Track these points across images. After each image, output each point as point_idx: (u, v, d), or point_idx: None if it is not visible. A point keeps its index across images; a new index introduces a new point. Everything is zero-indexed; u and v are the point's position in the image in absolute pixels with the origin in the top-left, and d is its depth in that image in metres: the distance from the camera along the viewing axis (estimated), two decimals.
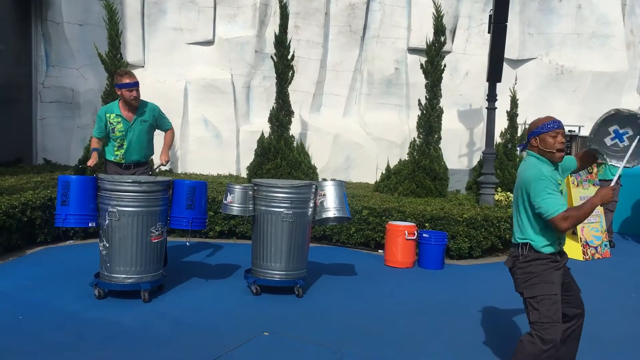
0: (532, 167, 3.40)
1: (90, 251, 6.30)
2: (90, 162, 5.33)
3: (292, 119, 8.93)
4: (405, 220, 7.08)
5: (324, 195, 5.42)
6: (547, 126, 3.41)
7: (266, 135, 8.92)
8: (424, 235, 6.71)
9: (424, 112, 8.67)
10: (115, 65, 8.00)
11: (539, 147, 3.42)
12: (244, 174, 9.78)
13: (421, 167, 8.55)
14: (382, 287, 5.86)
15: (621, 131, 3.49)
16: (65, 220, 4.79)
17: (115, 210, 4.78)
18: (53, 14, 9.65)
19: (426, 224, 7.10)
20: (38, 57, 9.82)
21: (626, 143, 3.48)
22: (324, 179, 9.34)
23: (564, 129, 3.44)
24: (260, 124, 9.79)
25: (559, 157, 3.42)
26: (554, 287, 3.31)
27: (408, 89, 10.80)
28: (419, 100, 8.82)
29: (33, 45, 9.74)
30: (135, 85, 5.40)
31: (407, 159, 8.96)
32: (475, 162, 10.38)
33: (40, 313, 4.52)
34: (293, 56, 8.77)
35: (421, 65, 8.76)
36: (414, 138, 8.92)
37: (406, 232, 6.63)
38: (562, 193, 3.40)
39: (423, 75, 8.75)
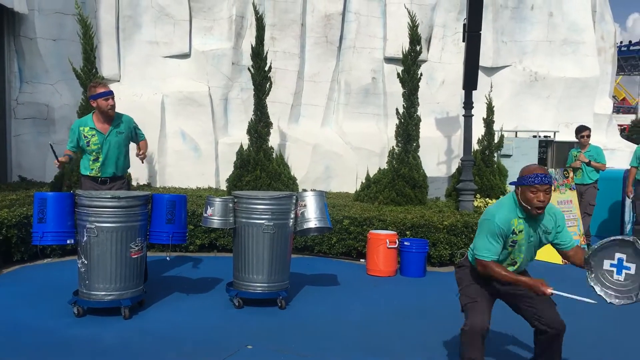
0: (499, 206, 3.53)
1: (68, 269, 6.19)
2: (59, 161, 5.23)
3: (271, 130, 8.92)
4: (386, 229, 7.10)
5: (305, 205, 5.42)
6: (528, 180, 3.34)
7: (245, 147, 8.89)
8: (405, 243, 6.73)
9: (402, 120, 8.73)
10: (91, 80, 7.91)
11: (519, 197, 3.42)
12: (223, 186, 9.74)
13: (400, 176, 8.59)
14: (365, 297, 5.85)
15: (625, 264, 3.20)
16: (42, 238, 4.71)
17: (93, 226, 4.71)
18: (26, 29, 9.53)
19: (407, 232, 7.13)
20: (11, 73, 9.67)
21: (621, 278, 3.22)
22: (304, 190, 9.34)
23: (550, 184, 3.34)
24: (238, 136, 9.76)
25: (536, 215, 3.40)
26: (474, 283, 3.61)
27: (385, 98, 10.87)
28: (397, 109, 8.88)
29: (6, 62, 9.60)
30: (110, 93, 5.36)
31: (386, 167, 8.99)
32: (453, 169, 10.46)
33: (19, 333, 4.42)
34: (270, 68, 8.78)
35: (398, 74, 8.83)
36: (393, 147, 8.96)
37: (387, 240, 6.65)
38: (515, 244, 3.48)
39: (400, 85, 8.81)
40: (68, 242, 4.82)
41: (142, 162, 5.74)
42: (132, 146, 5.77)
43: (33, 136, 9.69)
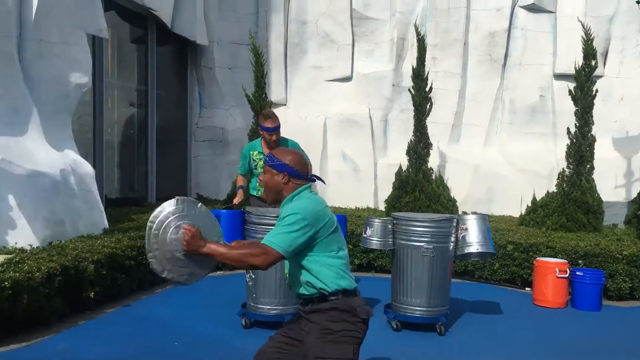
0: None
1: (238, 281, 6.60)
2: (236, 200, 5.65)
3: (431, 151, 8.82)
4: (555, 257, 6.62)
5: (466, 229, 5.25)
6: None
7: (404, 168, 8.87)
8: (577, 273, 6.22)
9: (574, 140, 8.14)
10: (261, 105, 8.46)
11: None
12: (381, 207, 9.79)
13: (572, 200, 7.98)
14: (530, 328, 5.50)
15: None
16: None
17: None
18: (206, 60, 10.50)
19: (579, 261, 6.59)
20: (193, 100, 10.69)
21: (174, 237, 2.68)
22: (465, 212, 9.07)
23: (266, 163, 2.88)
24: (397, 157, 9.78)
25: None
26: None
27: (555, 116, 10.23)
28: (568, 129, 8.31)
29: (189, 90, 10.65)
30: (274, 130, 5.60)
31: (555, 190, 8.43)
32: (634, 194, 9.49)
33: (193, 339, 4.81)
34: (431, 88, 8.71)
35: (569, 91, 8.27)
36: (563, 168, 8.38)
37: (557, 269, 6.19)
38: None
39: (572, 102, 8.24)
40: None
41: None
42: None
43: (209, 157, 10.59)
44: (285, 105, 10.67)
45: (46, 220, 5.81)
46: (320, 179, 3.01)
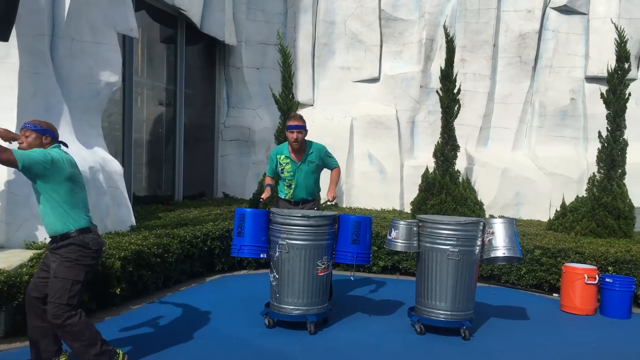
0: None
1: (261, 281, 6.64)
2: (264, 196, 5.63)
3: (458, 154, 8.73)
4: (584, 263, 6.50)
5: (493, 233, 5.18)
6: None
7: (431, 170, 8.81)
8: (607, 279, 6.09)
9: (605, 145, 7.97)
10: (288, 105, 8.46)
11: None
12: (407, 209, 9.73)
13: (602, 205, 7.82)
14: (558, 335, 5.40)
15: None
16: (240, 251, 5.11)
17: (285, 243, 4.99)
18: (234, 59, 10.56)
19: (609, 268, 6.45)
20: (220, 100, 10.77)
21: None
22: (492, 216, 8.96)
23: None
24: (424, 159, 9.72)
25: None
26: None
27: (586, 120, 10.05)
28: (599, 132, 8.14)
29: (217, 89, 10.73)
30: (296, 128, 5.53)
31: (585, 195, 8.27)
32: None
33: (216, 338, 4.83)
34: (459, 90, 8.63)
35: (602, 94, 8.10)
36: (594, 173, 8.22)
37: (586, 275, 6.07)
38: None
39: (604, 105, 8.07)
40: (262, 255, 5.16)
41: (332, 202, 5.86)
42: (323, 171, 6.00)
43: (236, 157, 10.65)
44: (312, 105, 10.68)
45: None
46: (64, 144, 4.08)
